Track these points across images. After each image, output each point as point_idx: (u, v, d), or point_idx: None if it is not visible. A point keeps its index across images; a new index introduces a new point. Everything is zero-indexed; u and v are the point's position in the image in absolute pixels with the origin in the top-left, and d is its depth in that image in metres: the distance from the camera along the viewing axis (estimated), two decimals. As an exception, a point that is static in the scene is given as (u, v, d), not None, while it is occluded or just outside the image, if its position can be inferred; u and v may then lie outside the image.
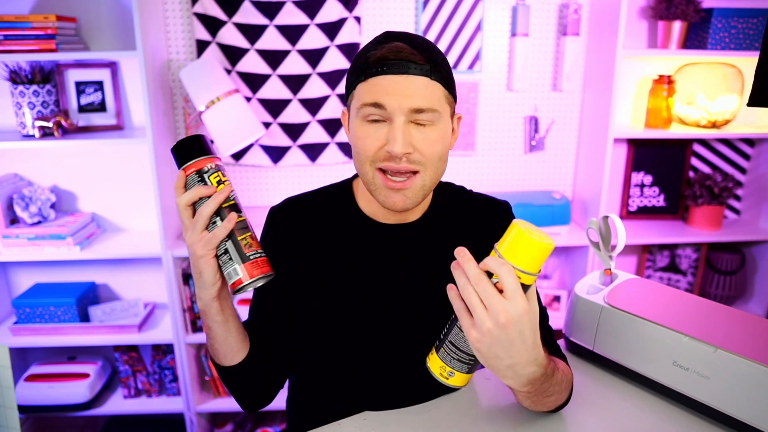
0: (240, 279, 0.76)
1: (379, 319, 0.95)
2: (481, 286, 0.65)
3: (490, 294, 0.64)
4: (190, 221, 0.77)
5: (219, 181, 0.77)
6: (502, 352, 0.66)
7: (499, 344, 0.65)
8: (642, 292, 1.01)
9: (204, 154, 0.78)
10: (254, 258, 0.76)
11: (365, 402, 0.93)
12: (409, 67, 0.80)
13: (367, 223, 0.96)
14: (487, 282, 0.65)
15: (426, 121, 0.82)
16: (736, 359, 0.81)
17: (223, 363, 0.89)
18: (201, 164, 0.77)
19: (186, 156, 0.77)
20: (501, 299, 0.64)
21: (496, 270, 0.65)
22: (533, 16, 2.00)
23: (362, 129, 0.84)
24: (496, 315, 0.64)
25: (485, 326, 0.65)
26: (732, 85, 2.04)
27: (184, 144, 0.78)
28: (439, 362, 0.73)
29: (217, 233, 0.75)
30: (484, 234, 0.98)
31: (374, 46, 0.84)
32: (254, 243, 0.77)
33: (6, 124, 1.96)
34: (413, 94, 0.80)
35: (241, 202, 0.83)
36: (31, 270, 2.11)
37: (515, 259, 0.65)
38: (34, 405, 1.96)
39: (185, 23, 1.92)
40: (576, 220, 2.17)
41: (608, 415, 0.89)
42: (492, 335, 0.65)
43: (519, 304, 0.64)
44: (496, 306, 0.64)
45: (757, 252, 2.24)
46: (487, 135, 2.11)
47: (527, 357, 0.68)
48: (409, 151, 0.82)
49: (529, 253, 0.65)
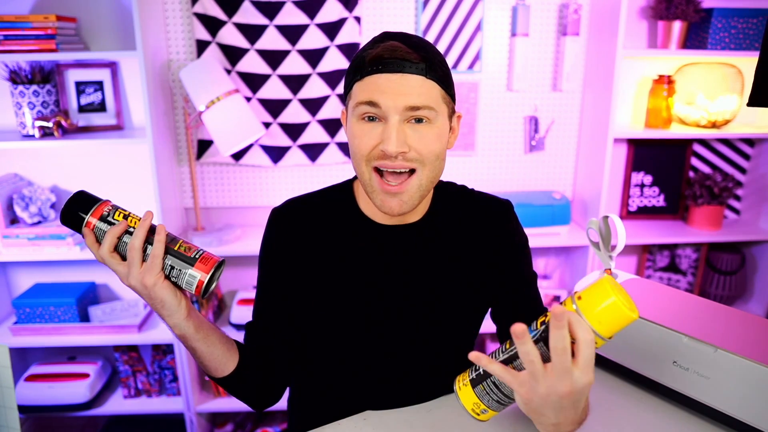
0: (200, 279, 0.76)
1: (380, 319, 0.95)
2: (563, 359, 0.59)
3: (567, 369, 0.60)
4: (123, 265, 0.76)
5: (124, 216, 0.77)
6: (551, 413, 0.63)
7: (550, 407, 0.62)
8: (642, 292, 1.01)
9: (93, 204, 0.77)
10: (199, 256, 0.77)
11: (366, 402, 0.93)
12: (405, 65, 0.80)
13: (367, 224, 0.96)
14: (569, 356, 0.59)
15: (422, 117, 0.82)
16: (736, 359, 0.81)
17: (217, 375, 0.89)
18: (98, 213, 0.76)
19: (79, 216, 0.76)
20: (573, 372, 0.60)
21: (579, 336, 0.60)
22: (533, 16, 2.00)
23: (358, 127, 0.84)
24: (560, 385, 0.60)
25: (541, 391, 0.61)
26: (732, 85, 2.04)
27: (70, 207, 0.77)
28: (474, 398, 0.68)
29: (156, 252, 0.74)
30: (485, 233, 0.98)
31: (371, 45, 0.84)
32: (190, 245, 0.78)
33: (6, 124, 1.96)
34: (408, 93, 0.80)
35: (241, 202, 0.83)
36: (31, 270, 2.11)
37: (595, 322, 0.60)
38: (34, 405, 1.95)
39: (185, 23, 1.92)
40: (576, 220, 2.17)
41: (608, 416, 0.89)
42: (547, 401, 0.61)
43: (588, 377, 0.61)
44: (565, 380, 0.60)
45: (757, 252, 2.24)
46: (487, 135, 2.11)
47: (574, 419, 0.66)
48: (404, 150, 0.82)
49: (614, 322, 0.60)
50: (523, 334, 0.60)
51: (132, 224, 0.76)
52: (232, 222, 2.11)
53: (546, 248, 2.24)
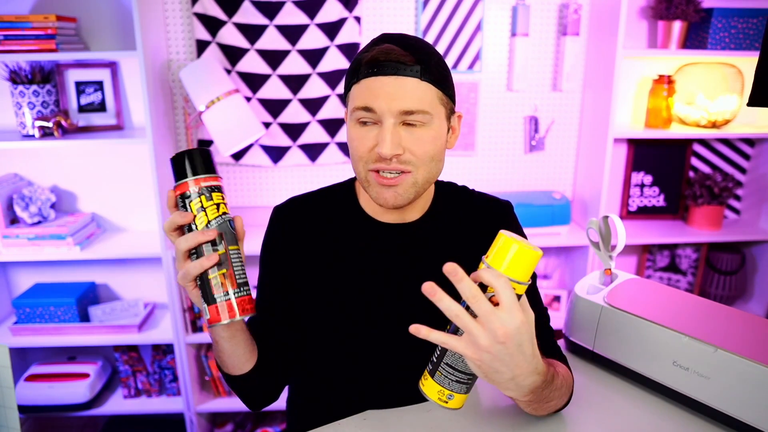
0: (208, 319, 0.74)
1: (379, 317, 0.95)
2: (478, 304, 0.62)
3: (488, 311, 0.62)
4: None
5: (200, 207, 0.72)
6: (503, 366, 0.65)
7: (498, 359, 0.64)
8: (642, 292, 1.01)
9: (185, 176, 0.72)
10: (220, 301, 0.72)
11: (365, 401, 0.93)
12: (399, 68, 0.80)
13: (368, 222, 0.96)
14: (483, 299, 0.63)
15: (416, 122, 0.82)
16: (736, 359, 0.81)
17: (231, 372, 0.89)
18: (183, 188, 0.72)
19: (183, 171, 0.73)
20: (498, 314, 0.62)
21: (492, 283, 0.63)
22: (533, 16, 2.00)
23: (355, 131, 0.85)
24: (494, 331, 0.62)
25: (483, 343, 0.63)
26: (732, 85, 2.04)
27: (178, 160, 0.73)
28: (437, 386, 0.71)
29: (190, 270, 0.72)
30: (485, 233, 0.98)
31: (368, 47, 0.85)
32: (227, 282, 0.72)
33: (6, 124, 1.96)
34: (403, 96, 0.80)
35: (241, 202, 0.82)
36: (31, 270, 2.11)
37: (506, 269, 0.64)
38: (34, 405, 1.96)
39: (185, 23, 1.92)
40: (576, 220, 2.17)
41: (608, 415, 0.89)
42: (491, 351, 0.63)
43: (516, 316, 0.63)
44: (494, 322, 0.62)
45: (757, 252, 2.24)
46: (487, 135, 2.11)
47: (527, 368, 0.67)
48: (398, 153, 0.82)
49: (520, 261, 0.64)
50: (433, 289, 0.63)
51: (201, 218, 0.72)
52: (232, 222, 2.10)
53: (546, 248, 2.24)
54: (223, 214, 0.73)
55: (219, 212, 0.73)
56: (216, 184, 0.73)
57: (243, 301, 0.73)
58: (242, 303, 0.73)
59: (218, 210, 0.73)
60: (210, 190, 0.73)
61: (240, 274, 0.74)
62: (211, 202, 0.72)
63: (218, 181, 0.74)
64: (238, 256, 0.74)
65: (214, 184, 0.73)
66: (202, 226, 0.72)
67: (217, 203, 0.73)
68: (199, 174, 0.72)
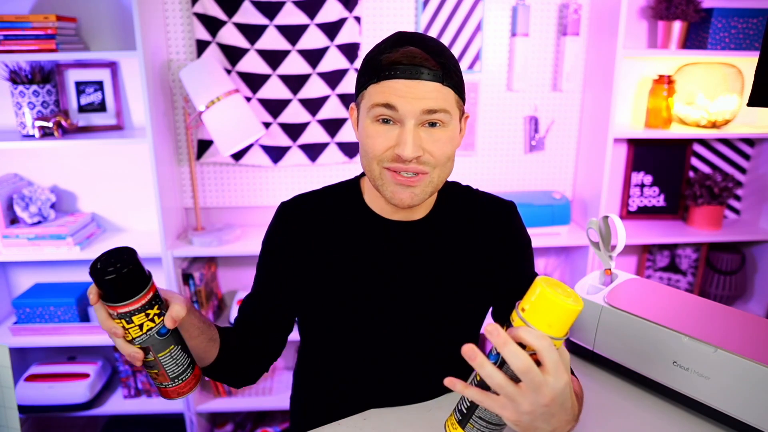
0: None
1: (383, 315, 0.95)
2: (530, 377, 0.59)
3: (540, 383, 0.59)
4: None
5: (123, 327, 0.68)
6: (543, 423, 0.63)
7: (540, 418, 0.62)
8: (642, 292, 1.01)
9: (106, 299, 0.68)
10: (157, 385, 0.75)
11: (368, 399, 0.93)
12: (422, 72, 0.81)
13: (374, 220, 0.97)
14: (537, 371, 0.59)
15: (438, 120, 0.83)
16: (736, 359, 0.81)
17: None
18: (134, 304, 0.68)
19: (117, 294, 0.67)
20: (547, 381, 0.60)
21: (535, 345, 0.59)
22: (533, 16, 2.00)
23: (372, 128, 0.85)
24: (541, 397, 0.60)
25: (526, 408, 0.60)
26: (732, 85, 2.04)
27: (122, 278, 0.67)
28: None
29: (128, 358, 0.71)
30: (489, 233, 0.99)
31: (388, 48, 0.84)
32: (159, 377, 0.73)
33: (6, 124, 1.96)
34: (425, 97, 0.81)
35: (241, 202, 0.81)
36: (31, 270, 2.11)
37: (545, 326, 0.60)
38: (34, 405, 1.95)
39: (185, 23, 1.92)
40: (576, 220, 2.17)
41: (608, 415, 0.89)
42: (534, 414, 0.61)
43: (562, 378, 0.60)
44: (543, 390, 0.60)
45: (757, 252, 2.24)
46: (487, 135, 2.11)
47: (566, 419, 0.66)
48: (419, 155, 0.83)
49: (562, 319, 0.60)
50: (474, 354, 0.60)
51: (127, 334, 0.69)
52: (232, 222, 2.11)
53: (546, 248, 2.24)
54: (148, 330, 0.69)
55: (143, 331, 0.69)
56: (135, 308, 0.68)
57: (178, 387, 0.75)
58: (177, 389, 0.75)
59: (141, 329, 0.69)
60: (130, 315, 0.68)
61: (173, 370, 0.73)
62: (131, 324, 0.68)
63: (138, 303, 0.68)
64: (171, 357, 0.73)
65: (133, 309, 0.68)
66: (129, 339, 0.70)
67: (140, 323, 0.69)
68: (115, 302, 0.67)
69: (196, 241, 1.91)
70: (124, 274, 0.67)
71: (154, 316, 0.70)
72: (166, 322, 0.71)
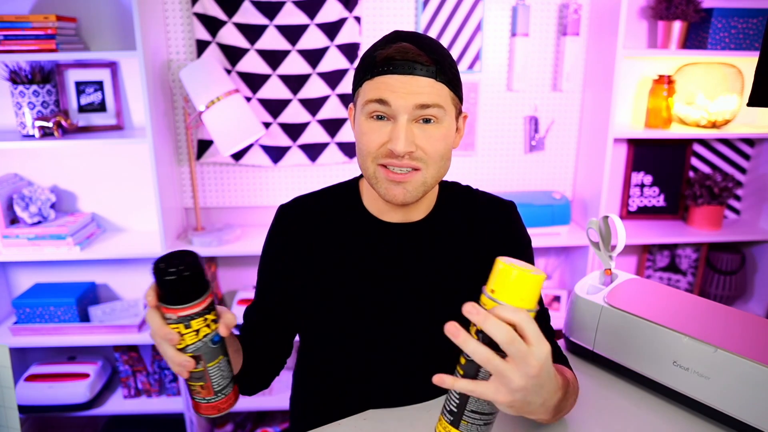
0: (191, 404, 0.75)
1: (382, 316, 0.95)
2: (516, 347, 0.59)
3: (525, 351, 0.59)
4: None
5: (179, 332, 0.67)
6: (535, 397, 0.64)
7: (532, 393, 0.62)
8: (642, 292, 1.01)
9: (165, 301, 0.66)
10: (198, 401, 0.73)
11: (367, 400, 0.93)
12: (415, 67, 0.81)
13: (372, 222, 0.97)
14: (519, 340, 0.59)
15: (431, 116, 0.83)
16: (736, 359, 0.81)
17: None
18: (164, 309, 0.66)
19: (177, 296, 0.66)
20: (532, 350, 0.60)
21: (513, 319, 0.60)
22: (533, 16, 2.00)
23: (366, 125, 0.85)
24: (530, 368, 0.60)
25: (518, 383, 0.60)
26: (732, 85, 2.04)
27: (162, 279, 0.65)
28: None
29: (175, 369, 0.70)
30: (489, 233, 0.99)
31: (382, 45, 0.85)
32: (203, 391, 0.71)
33: (6, 124, 1.96)
34: (418, 92, 0.81)
35: (241, 202, 0.81)
36: (31, 270, 2.11)
37: (518, 300, 0.61)
38: (34, 405, 1.95)
39: (185, 23, 1.92)
40: (576, 220, 2.17)
41: (608, 415, 0.89)
42: (527, 388, 0.61)
43: (544, 345, 0.61)
44: (530, 359, 0.60)
45: (757, 252, 2.24)
46: (487, 135, 2.11)
47: (553, 389, 0.66)
48: (411, 150, 0.83)
49: (529, 290, 0.61)
50: (457, 332, 0.60)
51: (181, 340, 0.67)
52: (232, 222, 2.11)
53: (546, 248, 2.24)
54: (204, 336, 0.68)
55: (199, 337, 0.68)
56: (196, 311, 0.67)
57: (220, 402, 0.73)
58: (219, 404, 0.73)
59: (198, 335, 0.68)
60: (190, 318, 0.67)
61: (218, 383, 0.72)
62: (189, 329, 0.67)
63: (200, 306, 0.67)
64: (218, 369, 0.72)
65: (194, 312, 0.67)
66: (182, 345, 0.69)
67: (198, 328, 0.68)
68: (178, 304, 0.66)
69: (196, 241, 1.91)
70: (191, 275, 0.66)
71: (211, 321, 0.69)
72: (219, 330, 0.70)
